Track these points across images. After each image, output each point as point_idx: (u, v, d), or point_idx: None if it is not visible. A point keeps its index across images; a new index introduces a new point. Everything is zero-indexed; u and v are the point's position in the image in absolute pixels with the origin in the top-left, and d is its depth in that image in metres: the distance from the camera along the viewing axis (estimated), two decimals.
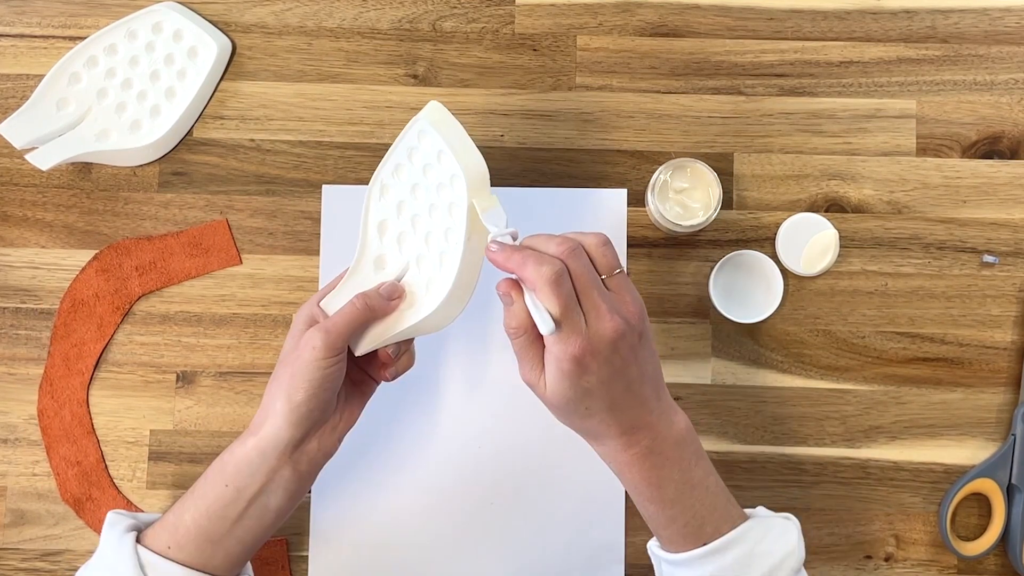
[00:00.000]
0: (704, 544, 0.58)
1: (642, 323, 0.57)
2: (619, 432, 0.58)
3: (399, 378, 0.73)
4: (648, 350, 0.58)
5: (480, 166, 0.61)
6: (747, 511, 0.62)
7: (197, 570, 0.60)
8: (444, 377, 0.75)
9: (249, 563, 0.65)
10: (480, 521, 0.74)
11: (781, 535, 0.59)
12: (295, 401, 0.60)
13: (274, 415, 0.61)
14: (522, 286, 0.57)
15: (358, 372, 0.66)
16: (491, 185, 0.67)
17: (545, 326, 0.54)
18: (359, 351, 0.63)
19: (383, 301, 0.63)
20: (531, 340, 0.58)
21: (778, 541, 0.59)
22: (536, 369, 0.58)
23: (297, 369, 0.60)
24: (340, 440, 0.64)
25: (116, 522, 0.62)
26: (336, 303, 0.63)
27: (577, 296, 0.55)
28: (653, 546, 0.62)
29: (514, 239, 0.59)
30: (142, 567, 0.59)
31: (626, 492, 0.74)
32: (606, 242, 0.58)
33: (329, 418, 0.63)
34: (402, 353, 0.65)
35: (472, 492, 0.75)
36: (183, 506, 0.61)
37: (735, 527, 0.59)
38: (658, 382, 0.59)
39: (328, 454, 0.63)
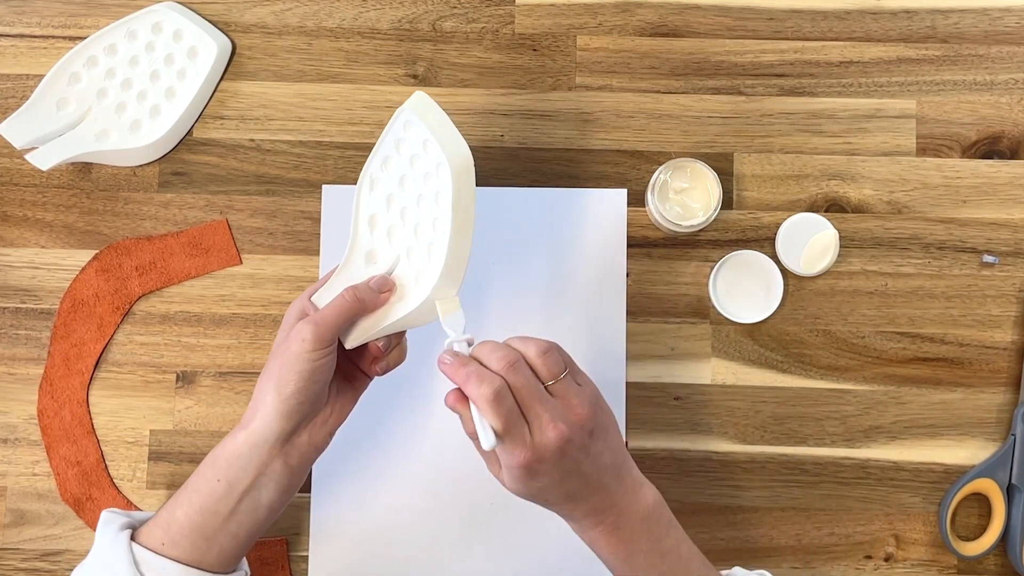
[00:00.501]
0: None
1: (592, 421, 0.58)
2: (582, 515, 0.59)
3: (399, 377, 0.74)
4: (602, 443, 0.59)
5: (464, 153, 0.61)
6: (724, 573, 0.63)
7: (191, 566, 0.60)
8: (444, 377, 0.75)
9: (245, 560, 0.65)
10: (479, 520, 0.74)
11: None
12: (285, 393, 0.60)
13: (264, 408, 0.61)
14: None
15: (350, 367, 0.66)
16: (493, 185, 0.67)
17: (486, 442, 0.56)
18: (349, 344, 0.63)
19: (373, 294, 0.63)
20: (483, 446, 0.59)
21: None
22: (495, 467, 0.60)
23: (286, 361, 0.60)
24: (331, 434, 0.64)
25: (110, 520, 0.62)
26: (327, 297, 0.63)
27: (520, 408, 0.57)
28: None
29: (470, 344, 0.60)
30: (137, 564, 0.59)
31: None
32: (548, 350, 0.59)
33: (320, 411, 0.63)
34: (392, 347, 0.65)
35: (471, 491, 0.75)
36: (176, 502, 0.61)
37: None
38: (619, 467, 0.60)
39: (319, 448, 0.63)
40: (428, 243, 0.62)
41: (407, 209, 0.64)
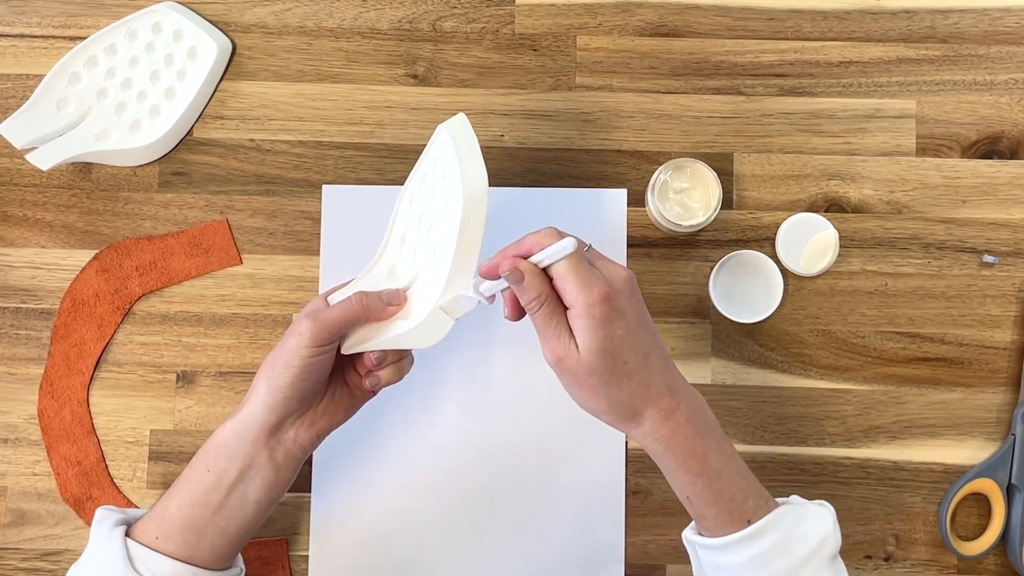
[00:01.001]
0: (748, 523, 0.58)
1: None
2: (658, 395, 0.58)
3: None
4: (640, 300, 0.60)
5: (480, 183, 0.61)
6: (781, 500, 0.61)
7: (183, 561, 0.60)
8: (444, 377, 0.75)
9: (240, 558, 0.65)
10: (480, 521, 0.74)
11: (817, 520, 0.59)
12: (274, 386, 0.61)
13: (254, 398, 0.62)
14: (522, 263, 0.57)
15: (355, 376, 0.66)
16: (493, 185, 0.67)
17: (569, 245, 0.55)
18: (345, 349, 0.63)
19: (380, 304, 0.63)
20: (553, 308, 0.57)
21: (814, 526, 0.59)
22: (563, 337, 0.57)
23: (282, 354, 0.61)
24: (319, 437, 0.64)
25: (105, 517, 0.62)
26: (340, 299, 0.64)
27: None
28: (689, 534, 0.61)
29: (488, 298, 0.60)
30: (131, 560, 0.59)
31: (626, 495, 0.74)
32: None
33: (309, 410, 0.63)
34: (387, 363, 0.64)
35: (472, 492, 0.75)
36: (169, 495, 0.62)
37: (770, 510, 0.59)
38: (663, 352, 0.60)
39: (305, 449, 0.64)
40: (440, 264, 0.62)
41: (433, 228, 0.64)
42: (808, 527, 0.58)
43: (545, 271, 0.58)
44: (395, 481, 0.75)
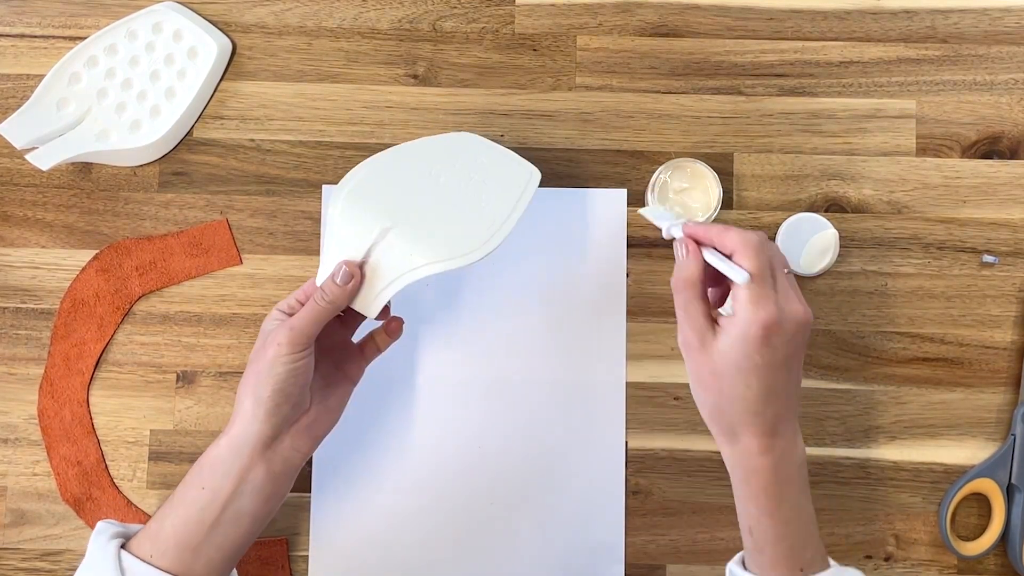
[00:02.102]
0: (800, 571, 0.58)
1: (811, 326, 0.59)
2: (759, 432, 0.58)
3: (399, 379, 0.74)
4: (804, 355, 0.60)
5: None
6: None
7: None
8: (445, 377, 0.75)
9: (235, 571, 0.65)
10: (480, 521, 0.74)
11: None
12: (262, 397, 0.61)
13: (243, 413, 0.61)
14: (705, 253, 0.59)
15: (335, 373, 0.66)
16: None
17: (739, 275, 0.56)
18: (372, 313, 0.64)
19: (341, 291, 0.63)
20: (697, 296, 0.58)
21: None
22: (699, 327, 0.58)
23: (263, 366, 0.61)
24: (317, 440, 0.65)
25: (103, 530, 0.62)
26: (325, 271, 0.64)
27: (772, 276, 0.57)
28: (735, 567, 0.62)
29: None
30: (123, 572, 0.59)
31: (626, 495, 0.74)
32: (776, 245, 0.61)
33: (301, 416, 0.63)
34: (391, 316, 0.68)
35: (472, 492, 0.75)
36: (163, 512, 0.61)
37: (824, 567, 0.59)
38: (798, 398, 0.60)
39: (304, 454, 0.64)
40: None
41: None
42: None
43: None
44: (395, 481, 0.75)
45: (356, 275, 0.63)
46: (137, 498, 0.75)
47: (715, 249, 0.60)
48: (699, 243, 0.60)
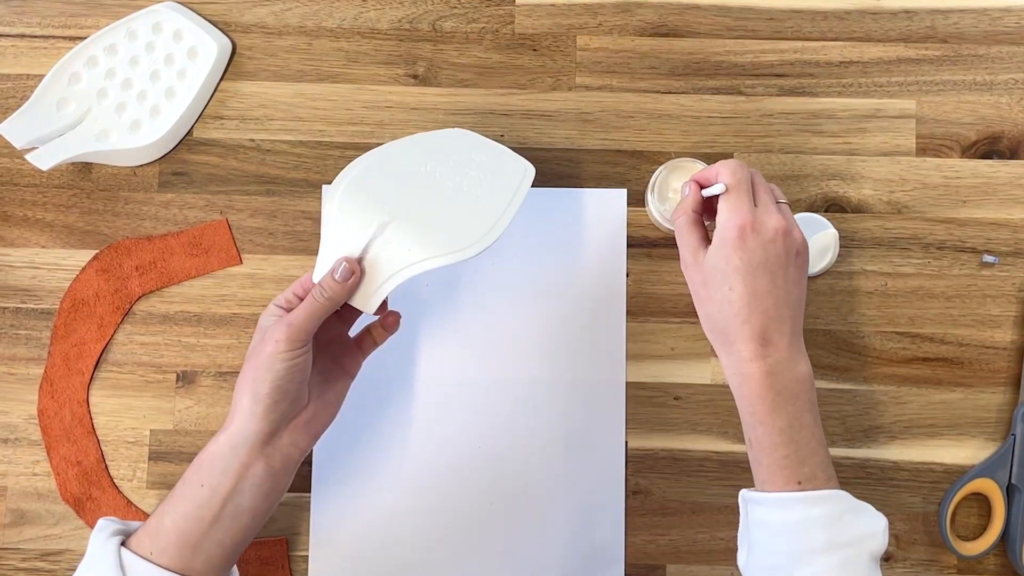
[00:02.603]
0: (799, 484, 0.59)
1: (803, 248, 0.63)
2: (749, 336, 0.61)
3: (399, 379, 0.74)
4: (799, 274, 0.63)
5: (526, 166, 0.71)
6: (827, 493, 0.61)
7: (179, 574, 0.60)
8: (445, 377, 0.75)
9: (236, 569, 0.65)
10: (480, 521, 0.74)
11: (872, 516, 0.60)
12: (260, 394, 0.61)
13: (241, 410, 0.61)
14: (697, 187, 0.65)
15: (333, 368, 0.66)
16: None
17: (718, 187, 0.63)
18: (369, 309, 0.64)
19: (340, 287, 0.63)
20: (694, 221, 0.64)
21: (868, 519, 0.60)
22: (691, 246, 0.64)
23: (261, 363, 0.61)
24: (316, 436, 0.65)
25: (103, 528, 0.62)
26: (323, 268, 0.64)
27: (756, 197, 0.63)
28: (745, 491, 0.63)
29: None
30: (123, 569, 0.59)
31: (626, 495, 0.74)
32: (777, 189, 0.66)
33: (299, 412, 0.63)
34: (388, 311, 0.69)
35: (472, 492, 0.75)
36: (163, 510, 0.61)
37: (829, 488, 0.60)
38: (796, 317, 0.63)
39: (302, 450, 0.64)
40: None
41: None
42: (862, 519, 0.59)
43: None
44: (395, 481, 0.75)
45: (356, 271, 0.63)
46: (137, 498, 0.75)
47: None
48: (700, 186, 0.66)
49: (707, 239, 0.64)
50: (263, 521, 0.63)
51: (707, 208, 0.66)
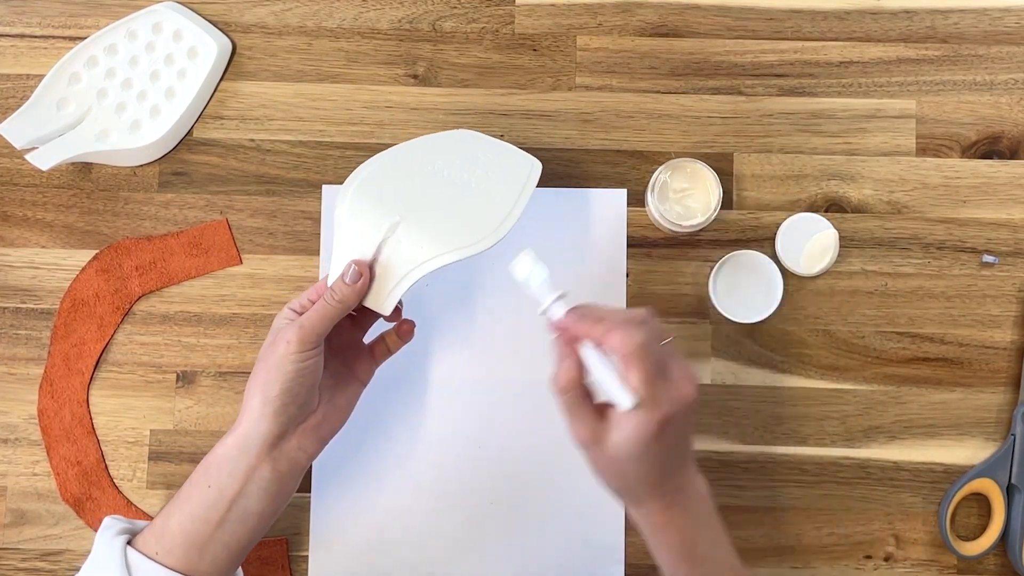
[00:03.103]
0: None
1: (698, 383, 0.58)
2: (662, 494, 0.58)
3: (400, 377, 0.73)
4: (695, 421, 0.60)
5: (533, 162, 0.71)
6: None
7: (184, 575, 0.60)
8: (445, 378, 0.75)
9: (240, 570, 0.65)
10: (480, 521, 0.74)
11: None
12: (270, 396, 0.61)
13: (250, 411, 0.61)
14: (585, 356, 0.57)
15: (345, 373, 0.66)
16: None
17: (626, 400, 0.54)
18: (387, 310, 0.64)
19: (350, 290, 0.63)
20: (579, 397, 0.57)
21: None
22: (589, 423, 0.56)
23: (272, 365, 0.61)
24: (323, 442, 0.65)
25: (110, 526, 0.62)
26: (336, 270, 0.64)
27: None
28: None
29: (561, 297, 0.59)
30: (129, 569, 0.59)
31: None
32: (654, 314, 0.58)
33: (308, 416, 0.63)
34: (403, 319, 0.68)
35: (472, 492, 0.74)
36: (169, 511, 0.61)
37: None
38: (693, 450, 0.60)
39: (310, 455, 0.64)
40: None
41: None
42: None
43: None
44: (395, 481, 0.74)
45: (365, 273, 0.63)
46: (137, 498, 0.75)
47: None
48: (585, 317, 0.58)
49: (600, 412, 0.57)
50: (269, 524, 0.63)
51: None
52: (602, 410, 0.57)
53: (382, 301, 0.64)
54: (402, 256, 0.64)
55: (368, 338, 0.69)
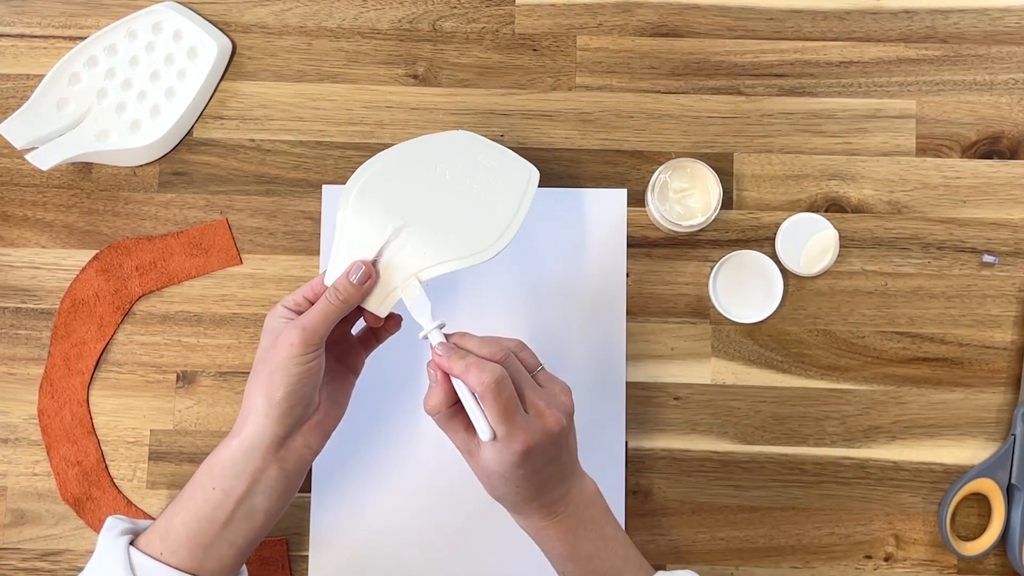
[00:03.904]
0: None
1: (573, 407, 0.61)
2: (539, 507, 0.61)
3: (399, 379, 0.73)
4: (574, 431, 0.62)
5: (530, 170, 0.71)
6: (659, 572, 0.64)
7: (189, 573, 0.60)
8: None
9: (245, 568, 0.65)
10: (480, 521, 0.74)
11: None
12: (275, 398, 0.60)
13: (255, 414, 0.61)
14: (455, 384, 0.60)
15: (338, 368, 0.66)
16: None
17: (484, 433, 0.58)
18: (383, 312, 0.64)
19: (356, 289, 0.63)
20: (448, 417, 0.61)
21: None
22: (466, 440, 0.61)
23: (276, 367, 0.60)
24: (327, 436, 0.65)
25: (113, 526, 0.62)
26: (336, 271, 0.64)
27: (519, 395, 0.59)
28: None
29: (441, 327, 0.62)
30: (133, 569, 0.59)
31: (626, 495, 0.74)
32: (524, 345, 0.63)
33: (312, 414, 0.63)
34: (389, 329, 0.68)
35: (472, 492, 0.74)
36: (172, 511, 0.61)
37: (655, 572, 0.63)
38: (576, 455, 0.63)
39: (315, 450, 0.64)
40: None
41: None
42: None
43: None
44: (395, 482, 0.74)
45: (372, 275, 0.63)
46: (137, 498, 0.75)
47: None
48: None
49: (472, 425, 0.60)
50: (275, 521, 0.63)
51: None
52: (472, 430, 0.60)
53: (380, 303, 0.64)
54: (404, 261, 0.64)
55: (354, 330, 0.69)
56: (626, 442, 0.75)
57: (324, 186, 0.77)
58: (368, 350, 0.69)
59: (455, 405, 0.60)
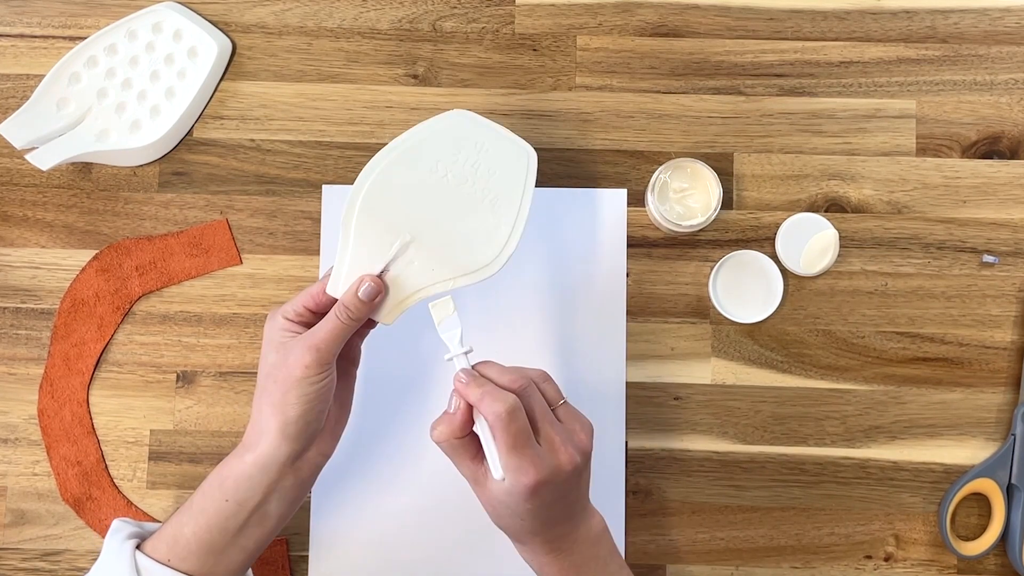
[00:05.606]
0: None
1: (591, 448, 0.60)
2: (543, 541, 0.60)
3: (400, 381, 0.74)
4: (589, 470, 0.61)
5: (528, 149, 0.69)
6: None
7: None
8: (445, 379, 0.75)
9: (251, 571, 0.65)
10: (480, 522, 0.74)
11: None
12: (290, 417, 0.60)
13: (269, 432, 0.60)
14: (475, 415, 0.59)
15: (340, 364, 0.66)
16: None
17: (495, 470, 0.57)
18: (391, 320, 0.64)
19: (366, 307, 0.62)
20: (457, 446, 0.59)
21: None
22: (474, 470, 0.59)
23: (289, 386, 0.60)
24: (338, 439, 0.65)
25: (119, 529, 0.62)
26: (343, 284, 0.63)
27: (532, 429, 0.58)
28: None
29: (467, 354, 0.62)
30: (139, 573, 0.59)
31: (626, 495, 0.74)
32: (547, 376, 0.61)
33: (325, 425, 0.63)
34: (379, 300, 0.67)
35: (472, 494, 0.74)
36: (181, 519, 0.61)
37: None
38: (587, 493, 0.62)
39: (328, 455, 0.64)
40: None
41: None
42: None
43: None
44: (396, 483, 0.74)
45: (382, 291, 0.63)
46: (137, 498, 0.75)
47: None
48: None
49: (481, 455, 0.59)
50: (286, 523, 0.64)
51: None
52: (480, 458, 0.59)
53: (387, 314, 0.64)
54: (412, 275, 0.64)
55: None
56: (626, 442, 0.75)
57: (324, 186, 0.77)
58: (362, 337, 0.68)
59: (462, 441, 0.59)
